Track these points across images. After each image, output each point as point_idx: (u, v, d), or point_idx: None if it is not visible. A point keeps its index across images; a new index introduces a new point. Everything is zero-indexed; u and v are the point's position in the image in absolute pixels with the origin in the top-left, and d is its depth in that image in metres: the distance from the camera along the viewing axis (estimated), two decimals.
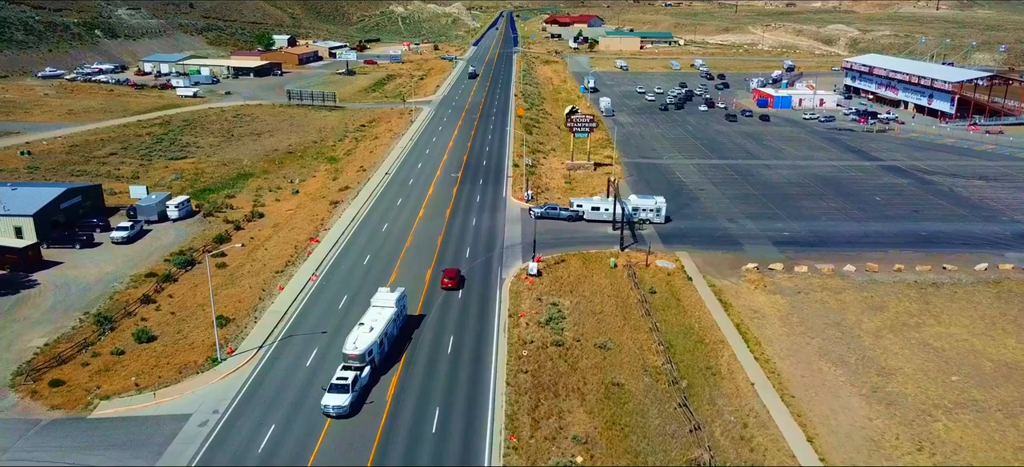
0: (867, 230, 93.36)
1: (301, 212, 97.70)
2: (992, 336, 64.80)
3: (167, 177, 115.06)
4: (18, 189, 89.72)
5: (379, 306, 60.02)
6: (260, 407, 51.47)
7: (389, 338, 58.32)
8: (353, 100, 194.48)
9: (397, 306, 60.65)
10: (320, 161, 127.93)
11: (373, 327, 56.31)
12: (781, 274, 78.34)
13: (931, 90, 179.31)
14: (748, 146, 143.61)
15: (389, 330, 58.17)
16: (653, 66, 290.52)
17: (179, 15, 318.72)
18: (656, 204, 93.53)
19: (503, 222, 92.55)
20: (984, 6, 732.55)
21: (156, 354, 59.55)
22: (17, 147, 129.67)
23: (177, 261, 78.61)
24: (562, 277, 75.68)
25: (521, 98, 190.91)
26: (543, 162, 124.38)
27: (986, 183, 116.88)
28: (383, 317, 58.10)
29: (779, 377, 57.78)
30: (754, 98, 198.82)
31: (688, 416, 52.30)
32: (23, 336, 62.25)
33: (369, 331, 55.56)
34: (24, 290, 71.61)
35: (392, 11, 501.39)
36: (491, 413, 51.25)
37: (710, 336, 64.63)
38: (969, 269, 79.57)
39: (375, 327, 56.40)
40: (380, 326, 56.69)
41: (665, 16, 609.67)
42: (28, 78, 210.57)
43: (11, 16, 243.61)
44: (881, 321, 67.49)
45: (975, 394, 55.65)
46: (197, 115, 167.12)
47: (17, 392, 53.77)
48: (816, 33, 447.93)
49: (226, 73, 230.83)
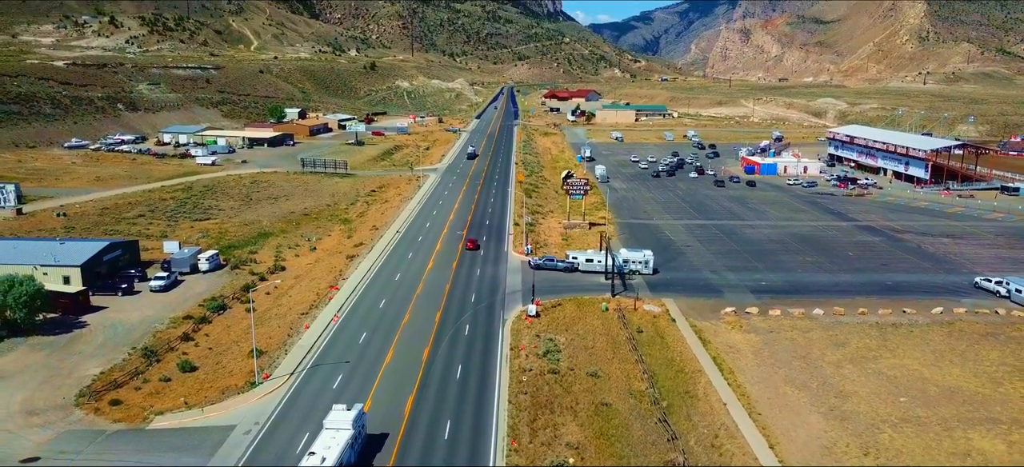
0: (838, 280, 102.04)
1: (319, 265, 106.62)
2: (940, 366, 72.86)
3: (193, 236, 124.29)
4: (66, 243, 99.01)
5: (333, 429, 52.45)
6: (296, 419, 59.44)
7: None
8: (363, 168, 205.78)
9: (354, 428, 53.14)
10: (334, 222, 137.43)
11: (325, 457, 48.93)
12: (756, 317, 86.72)
13: (907, 158, 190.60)
14: (734, 208, 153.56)
15: (346, 459, 50.71)
16: (647, 137, 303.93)
17: (196, 89, 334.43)
18: (644, 257, 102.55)
19: (505, 272, 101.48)
20: (969, 81, 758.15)
21: (199, 380, 67.64)
22: (53, 209, 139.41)
23: (211, 306, 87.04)
24: (558, 318, 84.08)
25: (521, 166, 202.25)
26: (542, 222, 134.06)
27: (952, 240, 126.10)
28: (338, 443, 50.69)
29: (748, 399, 65.72)
30: (742, 166, 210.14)
31: (666, 429, 60.16)
32: (80, 366, 70.41)
33: (321, 462, 48.61)
34: (75, 330, 79.95)
35: (398, 86, 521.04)
36: (495, 424, 59.15)
37: (689, 367, 72.74)
38: (926, 312, 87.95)
39: (328, 457, 48.93)
40: (335, 455, 49.21)
41: (661, 90, 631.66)
42: (55, 148, 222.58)
43: (40, 91, 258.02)
44: (842, 355, 75.62)
45: (919, 412, 63.52)
46: (217, 181, 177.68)
47: (82, 409, 61.74)
48: (806, 106, 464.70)
49: (242, 143, 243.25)
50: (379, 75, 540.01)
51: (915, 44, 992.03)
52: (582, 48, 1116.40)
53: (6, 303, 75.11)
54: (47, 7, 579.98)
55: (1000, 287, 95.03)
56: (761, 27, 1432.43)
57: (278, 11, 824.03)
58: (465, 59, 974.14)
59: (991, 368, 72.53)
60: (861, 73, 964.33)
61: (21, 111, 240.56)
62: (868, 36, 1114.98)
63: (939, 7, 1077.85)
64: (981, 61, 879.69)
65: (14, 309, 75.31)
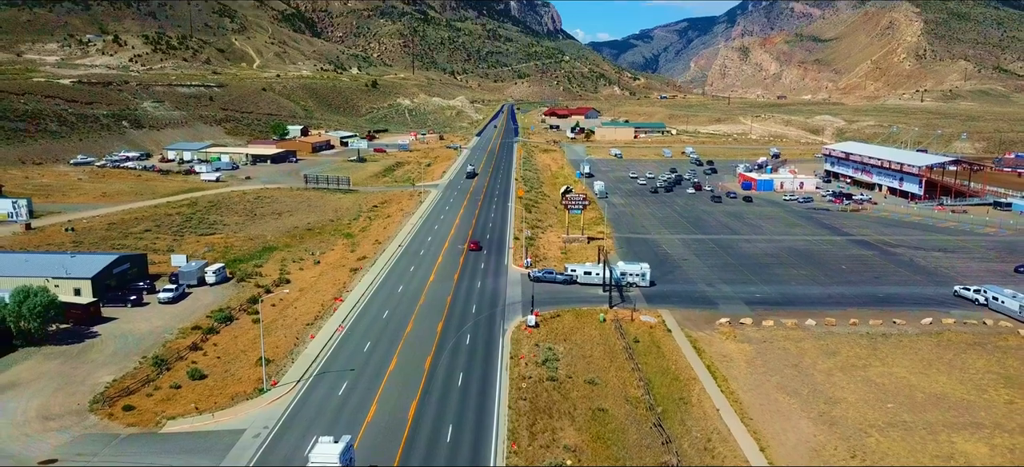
0: (830, 292, 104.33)
1: (324, 278, 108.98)
2: (927, 374, 75.03)
3: (199, 250, 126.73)
4: (76, 257, 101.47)
5: (318, 465, 49.97)
6: (303, 423, 61.63)
7: None
8: (365, 184, 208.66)
9: (341, 461, 50.01)
10: (338, 236, 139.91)
11: None
12: (750, 327, 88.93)
13: (901, 174, 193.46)
14: (730, 223, 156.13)
15: None
16: (646, 154, 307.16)
17: (199, 107, 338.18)
18: (641, 269, 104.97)
19: (505, 284, 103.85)
20: (966, 98, 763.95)
21: (208, 387, 69.84)
22: (61, 224, 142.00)
23: (218, 317, 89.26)
24: (557, 329, 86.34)
25: (521, 181, 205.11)
26: (541, 236, 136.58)
27: (944, 254, 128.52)
28: None
29: (741, 404, 67.88)
30: (739, 182, 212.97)
31: (661, 432, 62.31)
32: (93, 374, 72.64)
33: None
34: (87, 339, 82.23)
35: (399, 104, 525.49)
36: (496, 427, 61.33)
37: (684, 375, 74.91)
38: (916, 323, 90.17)
39: None
40: None
41: (660, 108, 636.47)
42: (61, 165, 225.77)
43: (46, 109, 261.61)
44: (833, 363, 77.80)
45: (905, 417, 65.66)
46: (221, 197, 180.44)
47: (96, 414, 63.93)
48: (804, 123, 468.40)
49: (245, 160, 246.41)
50: (380, 93, 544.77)
51: (912, 62, 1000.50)
52: (582, 66, 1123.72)
53: (21, 313, 77.43)
54: (52, 26, 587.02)
55: (979, 296, 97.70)
56: (759, 45, 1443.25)
57: (280, 30, 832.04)
58: (466, 77, 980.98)
59: (977, 376, 74.69)
60: (859, 91, 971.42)
61: (28, 128, 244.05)
62: (866, 54, 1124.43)
63: (936, 26, 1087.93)
64: (978, 79, 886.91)
65: (29, 319, 77.60)
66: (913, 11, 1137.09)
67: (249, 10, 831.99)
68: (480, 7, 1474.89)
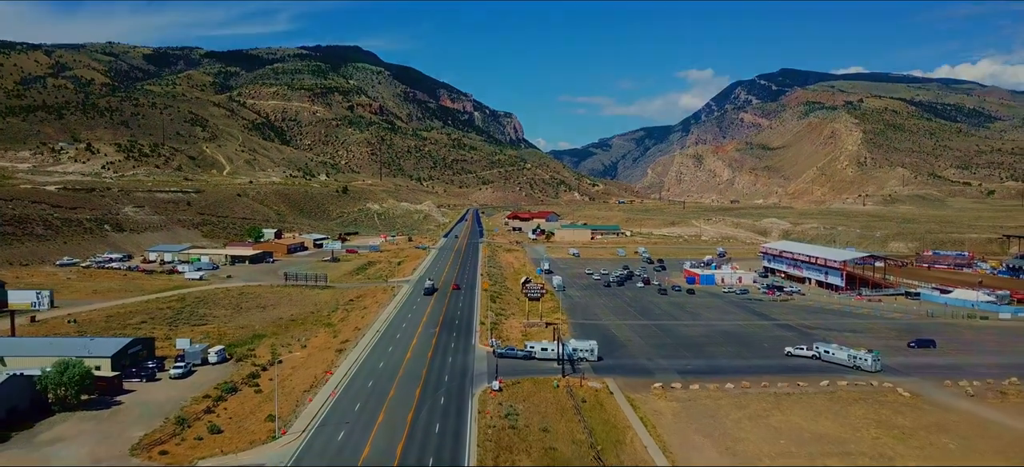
0: (751, 364, 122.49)
1: (312, 358, 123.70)
2: (816, 421, 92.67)
3: (195, 338, 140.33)
4: (95, 340, 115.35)
5: None
6: (312, 458, 76.27)
7: None
8: (341, 281, 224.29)
9: None
10: (319, 326, 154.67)
11: None
12: (679, 390, 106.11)
13: (826, 268, 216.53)
14: (672, 311, 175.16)
15: None
16: (602, 253, 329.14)
17: (177, 212, 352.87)
18: (590, 346, 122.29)
19: (473, 360, 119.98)
20: (905, 202, 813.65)
21: (226, 439, 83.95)
22: (63, 317, 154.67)
23: (224, 389, 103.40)
24: (517, 393, 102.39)
25: (486, 276, 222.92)
26: (504, 322, 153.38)
27: (854, 334, 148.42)
28: None
29: (664, 442, 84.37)
30: (684, 277, 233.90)
31: (600, 461, 78.25)
32: (126, 431, 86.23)
33: None
34: (113, 406, 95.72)
35: (368, 208, 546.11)
36: (467, 459, 76.68)
37: (621, 424, 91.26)
38: (816, 385, 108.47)
39: None
40: None
41: (618, 212, 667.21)
42: (47, 266, 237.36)
43: (32, 213, 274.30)
44: (742, 414, 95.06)
45: (792, 449, 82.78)
46: (207, 293, 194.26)
47: (138, 458, 77.71)
48: (753, 225, 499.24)
49: (225, 260, 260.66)
50: (350, 198, 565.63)
51: (855, 169, 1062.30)
52: (543, 173, 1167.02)
53: (62, 381, 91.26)
54: (24, 134, 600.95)
55: (807, 351, 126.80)
56: (712, 153, 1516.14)
57: (250, 138, 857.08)
58: (432, 183, 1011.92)
59: (855, 421, 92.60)
60: (807, 196, 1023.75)
61: (15, 232, 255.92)
62: (812, 161, 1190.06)
63: (874, 135, 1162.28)
64: (915, 184, 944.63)
65: (68, 386, 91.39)
66: (853, 122, 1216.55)
67: (220, 119, 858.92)
68: (446, 117, 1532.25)
